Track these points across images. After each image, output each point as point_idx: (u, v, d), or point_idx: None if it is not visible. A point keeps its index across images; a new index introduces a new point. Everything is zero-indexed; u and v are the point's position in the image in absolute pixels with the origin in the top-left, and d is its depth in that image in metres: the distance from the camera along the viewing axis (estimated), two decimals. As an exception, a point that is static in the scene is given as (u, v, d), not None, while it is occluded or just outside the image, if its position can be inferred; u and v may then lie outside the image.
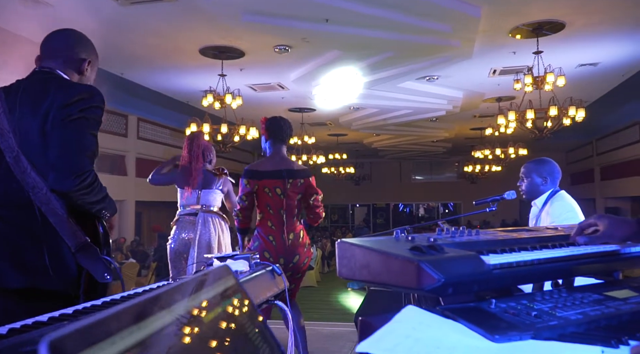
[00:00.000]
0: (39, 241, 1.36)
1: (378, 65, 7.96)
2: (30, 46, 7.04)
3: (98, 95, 1.50)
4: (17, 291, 1.34)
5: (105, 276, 1.37)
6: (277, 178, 2.82)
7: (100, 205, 1.46)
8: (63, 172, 1.38)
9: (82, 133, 1.44)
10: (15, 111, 1.45)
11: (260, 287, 1.13)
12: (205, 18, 6.13)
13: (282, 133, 2.94)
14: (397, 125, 12.86)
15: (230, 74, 7.97)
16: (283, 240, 2.77)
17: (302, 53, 7.49)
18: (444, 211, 23.30)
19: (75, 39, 1.68)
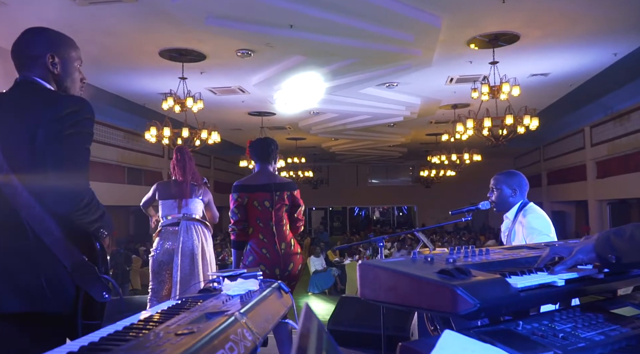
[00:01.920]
0: (34, 263, 1.29)
1: (340, 71, 8.04)
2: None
3: (87, 105, 1.43)
4: (14, 316, 1.26)
5: (104, 295, 1.32)
6: (266, 191, 2.90)
7: (98, 223, 1.40)
8: (61, 194, 1.32)
9: (77, 149, 1.37)
10: (3, 128, 1.37)
11: (274, 307, 1.12)
12: (167, 20, 5.98)
13: (265, 154, 3.03)
14: (356, 130, 13.03)
15: (191, 77, 7.82)
16: (276, 250, 2.84)
17: (264, 57, 7.45)
18: (399, 214, 23.79)
19: (36, 37, 1.55)
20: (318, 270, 9.62)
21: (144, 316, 0.96)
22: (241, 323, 0.84)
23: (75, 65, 1.57)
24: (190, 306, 1.00)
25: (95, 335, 0.80)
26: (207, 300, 1.07)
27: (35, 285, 1.28)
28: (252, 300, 1.03)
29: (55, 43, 1.54)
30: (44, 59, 1.49)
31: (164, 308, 1.04)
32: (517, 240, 2.31)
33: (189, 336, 0.71)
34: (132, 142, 12.19)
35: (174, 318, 0.88)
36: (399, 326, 3.12)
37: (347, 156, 18.51)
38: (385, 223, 22.83)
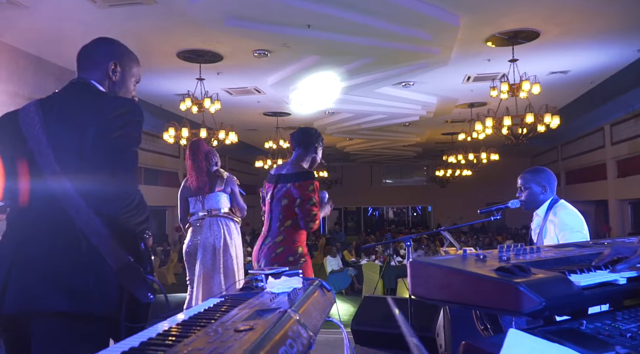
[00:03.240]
0: (82, 264, 1.30)
1: (357, 71, 8.02)
2: (10, 51, 6.77)
3: (137, 108, 1.44)
4: (63, 314, 1.27)
5: (149, 296, 1.32)
6: (270, 182, 2.80)
7: (144, 224, 1.41)
8: (112, 195, 1.33)
9: (126, 152, 1.38)
10: (53, 126, 1.38)
11: (320, 305, 1.11)
12: (185, 21, 6.02)
13: (305, 140, 2.86)
14: (371, 130, 12.99)
15: (207, 78, 7.86)
16: (259, 244, 2.71)
17: (281, 58, 7.46)
18: (413, 215, 23.67)
19: (102, 44, 1.60)
20: (334, 270, 9.60)
21: (192, 313, 0.95)
22: (295, 319, 0.83)
23: (132, 80, 1.61)
24: (238, 304, 0.99)
25: (152, 331, 0.80)
26: (252, 298, 1.06)
27: (82, 285, 1.29)
28: (299, 297, 1.03)
29: (121, 54, 1.59)
30: (106, 65, 1.53)
31: (210, 306, 1.03)
32: (548, 237, 2.27)
33: (250, 333, 0.71)
34: (149, 143, 12.30)
35: (226, 315, 0.88)
36: (424, 326, 3.09)
37: (362, 156, 18.47)
38: (399, 223, 22.72)
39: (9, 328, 1.35)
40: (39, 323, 1.29)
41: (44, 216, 1.33)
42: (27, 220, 1.35)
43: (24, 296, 1.29)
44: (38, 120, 1.38)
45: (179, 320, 0.89)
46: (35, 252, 1.31)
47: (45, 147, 1.34)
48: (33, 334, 1.31)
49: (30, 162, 1.34)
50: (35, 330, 1.30)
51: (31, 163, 1.34)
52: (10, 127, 1.41)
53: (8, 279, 1.31)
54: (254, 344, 0.64)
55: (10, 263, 1.32)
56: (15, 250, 1.33)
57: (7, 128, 1.43)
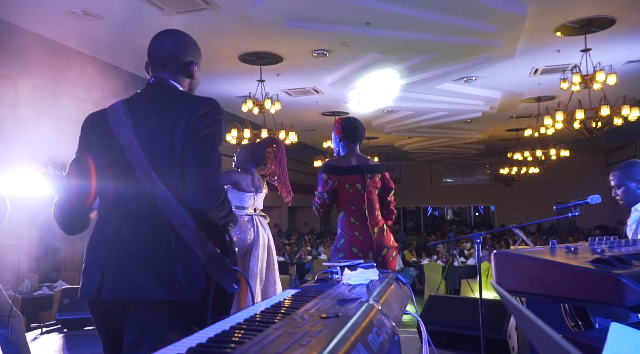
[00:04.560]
0: (172, 255, 1.37)
1: (417, 67, 7.88)
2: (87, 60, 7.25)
3: (218, 107, 1.50)
4: (156, 303, 1.35)
5: (234, 286, 1.37)
6: (357, 174, 2.80)
7: (228, 217, 1.47)
8: (201, 191, 1.39)
9: (212, 149, 1.44)
10: (142, 125, 1.45)
11: (398, 297, 1.10)
12: (247, 25, 6.17)
13: (357, 133, 2.92)
14: (431, 128, 12.72)
15: (267, 80, 8.01)
16: (369, 234, 2.75)
17: (340, 57, 7.47)
18: (475, 215, 22.92)
19: (180, 41, 1.63)
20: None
21: (273, 302, 0.97)
22: (378, 309, 0.82)
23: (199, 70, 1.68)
24: (316, 295, 1.00)
25: (239, 317, 0.82)
26: (330, 289, 1.07)
27: (174, 275, 1.35)
28: (377, 289, 1.02)
29: (198, 52, 1.65)
30: (190, 66, 1.59)
31: (287, 296, 1.05)
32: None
33: (336, 319, 0.71)
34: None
35: (307, 304, 0.89)
36: (495, 327, 2.98)
37: (421, 154, 18.13)
38: (460, 224, 22.07)
39: (106, 314, 1.44)
40: (134, 310, 1.37)
41: (136, 210, 1.40)
42: (120, 214, 1.42)
43: (120, 284, 1.37)
44: (127, 120, 1.45)
45: (261, 308, 0.91)
46: (129, 243, 1.39)
47: (136, 146, 1.41)
48: (127, 321, 1.38)
49: (122, 160, 1.41)
50: (130, 317, 1.38)
51: (122, 161, 1.41)
52: (101, 126, 1.49)
53: (105, 268, 1.39)
54: (343, 330, 0.64)
55: (107, 252, 1.40)
56: (110, 241, 1.41)
57: (98, 128, 1.50)
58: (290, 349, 0.55)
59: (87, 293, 1.41)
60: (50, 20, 5.82)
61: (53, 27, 6.05)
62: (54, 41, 6.46)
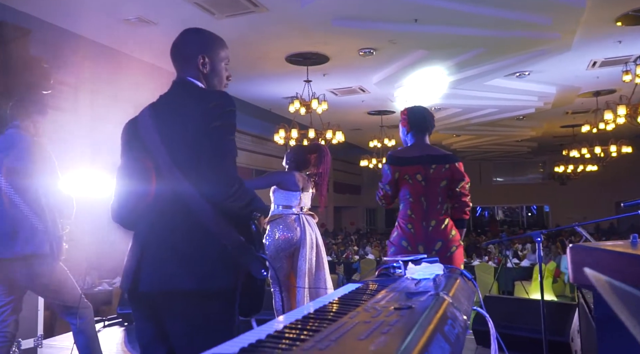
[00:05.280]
0: (201, 245, 1.42)
1: (466, 63, 7.70)
2: (142, 65, 7.56)
3: (229, 98, 1.53)
4: (189, 293, 1.40)
5: (262, 272, 1.42)
6: (418, 164, 2.66)
7: (249, 207, 1.49)
8: (214, 183, 1.42)
9: (224, 141, 1.47)
10: (163, 125, 1.52)
11: (466, 292, 1.08)
12: (294, 25, 6.23)
13: (424, 123, 2.76)
14: (480, 125, 12.39)
15: (314, 80, 8.06)
16: (423, 227, 2.62)
17: (386, 55, 7.41)
18: (527, 215, 22.11)
19: (185, 38, 1.67)
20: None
21: (338, 295, 0.97)
22: (449, 302, 0.81)
23: (222, 64, 1.67)
24: (382, 288, 0.99)
25: (306, 309, 0.82)
26: (394, 283, 1.06)
27: (205, 265, 1.41)
28: (444, 283, 1.00)
29: (206, 44, 1.64)
30: (195, 60, 1.61)
31: (352, 289, 1.05)
32: None
33: (410, 311, 0.70)
34: (258, 146, 12.94)
35: (375, 297, 0.88)
36: (556, 329, 2.85)
37: (470, 153, 17.69)
38: (512, 224, 21.35)
39: (144, 305, 1.50)
40: (171, 300, 1.42)
41: (167, 205, 1.47)
42: (154, 210, 1.50)
43: (156, 275, 1.43)
44: (151, 122, 1.54)
45: (327, 301, 0.91)
46: (162, 237, 1.46)
47: (160, 144, 1.49)
48: (165, 312, 1.45)
49: (151, 160, 1.50)
50: (168, 307, 1.44)
51: (151, 161, 1.50)
52: (132, 131, 1.60)
53: (141, 259, 1.46)
54: (420, 320, 0.63)
55: (142, 246, 1.48)
56: (145, 236, 1.49)
57: (130, 134, 1.61)
58: (372, 336, 0.55)
59: (126, 284, 1.50)
60: (107, 28, 6.09)
61: (110, 35, 6.34)
62: (111, 48, 6.77)
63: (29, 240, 2.24)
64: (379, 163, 12.54)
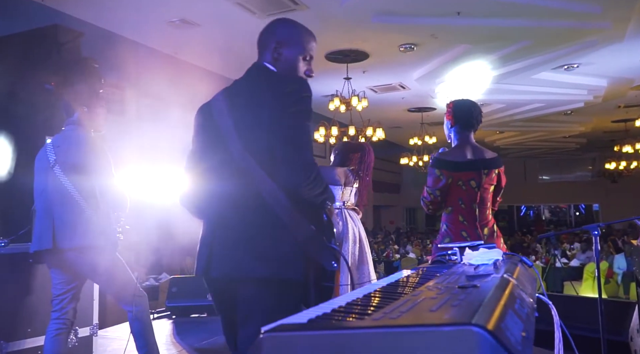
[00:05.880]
0: (271, 232, 1.40)
1: (511, 57, 7.48)
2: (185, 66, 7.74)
3: (305, 84, 1.50)
4: (258, 280, 1.40)
5: (333, 264, 1.38)
6: (473, 170, 2.55)
7: (323, 195, 1.46)
8: (291, 169, 1.40)
9: (301, 126, 1.44)
10: (237, 109, 1.50)
11: (529, 278, 1.04)
12: (334, 23, 6.23)
13: (471, 118, 2.64)
14: (525, 121, 12.00)
15: (353, 77, 8.03)
16: (478, 235, 2.54)
17: (428, 50, 7.30)
18: (575, 214, 21.26)
19: (267, 26, 1.67)
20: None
21: (394, 279, 0.95)
22: (514, 283, 0.78)
23: (299, 56, 1.63)
24: (440, 272, 0.97)
25: (365, 290, 0.81)
26: (452, 268, 1.03)
27: (274, 253, 1.39)
28: (505, 267, 0.97)
29: (285, 33, 1.63)
30: (270, 46, 1.60)
31: (407, 274, 1.03)
32: None
33: (476, 289, 0.68)
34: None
35: (434, 279, 0.86)
36: (614, 329, 2.72)
37: (514, 150, 17.17)
38: (559, 224, 20.57)
39: (216, 290, 1.53)
40: (240, 287, 1.43)
41: (237, 191, 1.45)
42: (224, 196, 1.48)
43: (225, 262, 1.44)
44: (225, 106, 1.53)
45: (385, 283, 0.89)
46: (232, 223, 1.45)
47: (232, 130, 1.47)
48: (235, 298, 1.45)
49: (223, 145, 1.48)
50: (238, 294, 1.44)
51: (224, 146, 1.48)
52: (206, 116, 1.58)
53: (212, 245, 1.47)
54: (487, 297, 0.61)
55: (213, 232, 1.48)
56: (216, 222, 1.49)
57: (204, 118, 1.60)
58: (442, 309, 0.54)
59: (198, 269, 1.51)
60: (151, 30, 6.28)
61: (154, 37, 6.53)
62: (155, 49, 6.97)
63: (86, 232, 2.33)
64: (419, 161, 12.37)
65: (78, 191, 2.36)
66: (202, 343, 4.02)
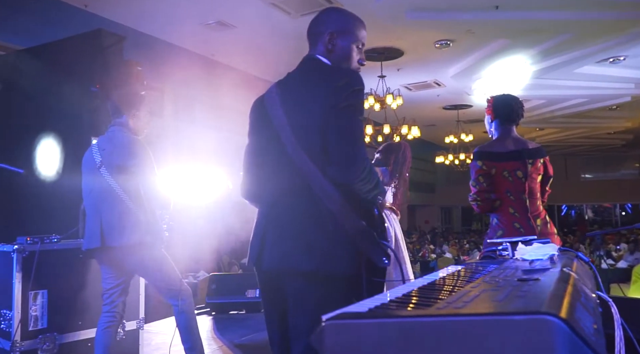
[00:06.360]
0: (322, 227, 1.40)
1: (552, 51, 7.25)
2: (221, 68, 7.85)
3: (358, 77, 1.47)
4: (307, 274, 1.39)
5: (384, 260, 1.36)
6: (517, 160, 2.50)
7: (375, 191, 1.45)
8: (344, 164, 1.39)
9: (353, 121, 1.42)
10: (289, 103, 1.49)
11: (586, 274, 1.00)
12: (368, 20, 6.07)
13: (511, 112, 2.62)
14: (567, 117, 11.61)
15: (388, 75, 7.96)
16: (531, 226, 2.47)
17: (464, 46, 7.17)
18: (621, 214, 20.40)
19: (317, 17, 1.63)
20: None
21: (445, 273, 0.94)
22: (575, 277, 0.75)
23: (352, 46, 1.60)
24: (493, 266, 0.94)
25: (420, 282, 0.80)
26: (505, 263, 1.00)
27: (324, 247, 1.38)
28: (562, 262, 0.93)
29: (338, 22, 1.59)
30: (324, 37, 1.57)
31: (457, 269, 1.00)
32: None
33: (537, 282, 0.66)
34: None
35: (489, 274, 0.84)
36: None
37: (554, 147, 16.62)
38: (603, 223, 19.79)
39: (266, 282, 1.53)
40: (290, 280, 1.43)
41: (289, 185, 1.45)
42: (276, 190, 1.49)
43: (275, 255, 1.44)
44: (278, 100, 1.52)
45: (436, 277, 0.88)
46: (283, 217, 1.46)
47: (285, 124, 1.46)
48: (286, 291, 1.46)
49: (276, 139, 1.48)
50: (288, 287, 1.45)
51: (277, 140, 1.48)
52: (260, 110, 1.58)
53: (264, 240, 1.48)
54: (551, 289, 0.59)
55: (265, 226, 1.49)
56: (268, 215, 1.50)
57: (258, 112, 1.60)
58: (508, 299, 0.52)
59: (250, 260, 1.53)
60: (188, 33, 6.40)
61: (192, 39, 6.65)
62: (193, 52, 7.11)
63: (133, 231, 2.41)
64: (455, 159, 12.15)
65: (124, 191, 2.43)
66: (242, 339, 4.08)
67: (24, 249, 2.62)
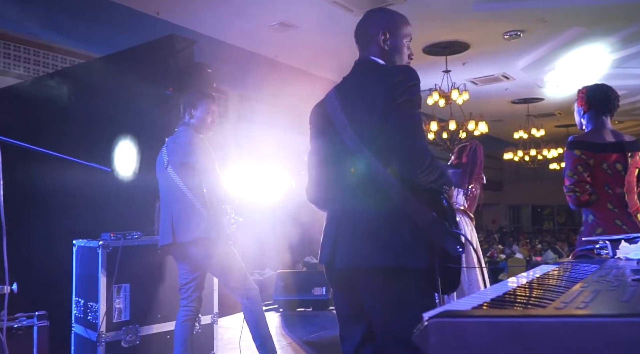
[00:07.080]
0: (393, 222, 1.43)
1: (633, 37, 6.74)
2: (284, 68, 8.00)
3: (413, 72, 1.50)
4: (382, 269, 1.42)
5: (458, 248, 1.37)
6: (617, 152, 2.37)
7: (440, 181, 1.46)
8: (405, 158, 1.43)
9: (411, 115, 1.46)
10: (349, 105, 1.55)
11: None
12: (433, 14, 6.04)
13: (608, 103, 2.50)
14: (650, 109, 10.76)
15: (453, 70, 7.74)
16: (633, 222, 2.31)
17: (536, 36, 6.81)
18: None
19: (366, 17, 1.69)
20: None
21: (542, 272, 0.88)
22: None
23: (404, 41, 1.66)
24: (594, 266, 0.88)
25: (508, 282, 0.76)
26: (606, 262, 0.93)
27: (396, 242, 1.41)
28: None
29: (388, 21, 1.66)
30: (377, 38, 1.62)
31: (553, 268, 0.94)
32: None
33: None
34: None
35: (594, 274, 0.78)
36: None
37: (635, 142, 15.47)
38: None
39: (340, 280, 1.56)
40: (365, 277, 1.45)
41: (358, 183, 1.49)
42: (345, 190, 1.54)
43: (350, 253, 1.47)
44: (338, 104, 1.58)
45: (529, 278, 0.83)
46: (354, 215, 1.49)
47: (347, 125, 1.51)
48: (362, 288, 1.48)
49: (339, 140, 1.54)
50: (362, 284, 1.47)
51: (340, 142, 1.53)
52: (321, 114, 1.65)
53: (337, 239, 1.51)
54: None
55: (337, 225, 1.52)
56: (339, 214, 1.54)
57: (319, 116, 1.67)
58: (634, 300, 0.47)
59: (322, 259, 1.57)
60: (252, 35, 6.54)
61: (255, 41, 6.79)
62: (256, 53, 7.26)
63: (198, 226, 2.50)
64: (525, 156, 11.62)
65: (188, 188, 2.53)
66: (310, 336, 4.11)
67: (108, 245, 2.78)
